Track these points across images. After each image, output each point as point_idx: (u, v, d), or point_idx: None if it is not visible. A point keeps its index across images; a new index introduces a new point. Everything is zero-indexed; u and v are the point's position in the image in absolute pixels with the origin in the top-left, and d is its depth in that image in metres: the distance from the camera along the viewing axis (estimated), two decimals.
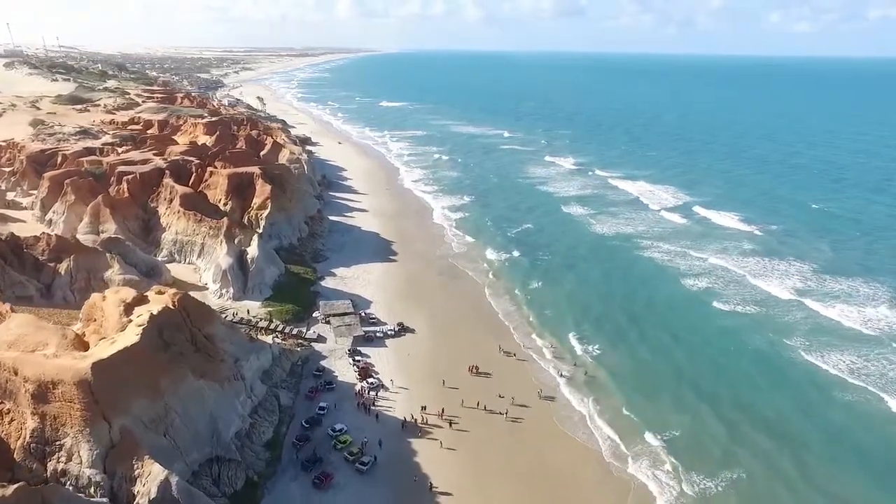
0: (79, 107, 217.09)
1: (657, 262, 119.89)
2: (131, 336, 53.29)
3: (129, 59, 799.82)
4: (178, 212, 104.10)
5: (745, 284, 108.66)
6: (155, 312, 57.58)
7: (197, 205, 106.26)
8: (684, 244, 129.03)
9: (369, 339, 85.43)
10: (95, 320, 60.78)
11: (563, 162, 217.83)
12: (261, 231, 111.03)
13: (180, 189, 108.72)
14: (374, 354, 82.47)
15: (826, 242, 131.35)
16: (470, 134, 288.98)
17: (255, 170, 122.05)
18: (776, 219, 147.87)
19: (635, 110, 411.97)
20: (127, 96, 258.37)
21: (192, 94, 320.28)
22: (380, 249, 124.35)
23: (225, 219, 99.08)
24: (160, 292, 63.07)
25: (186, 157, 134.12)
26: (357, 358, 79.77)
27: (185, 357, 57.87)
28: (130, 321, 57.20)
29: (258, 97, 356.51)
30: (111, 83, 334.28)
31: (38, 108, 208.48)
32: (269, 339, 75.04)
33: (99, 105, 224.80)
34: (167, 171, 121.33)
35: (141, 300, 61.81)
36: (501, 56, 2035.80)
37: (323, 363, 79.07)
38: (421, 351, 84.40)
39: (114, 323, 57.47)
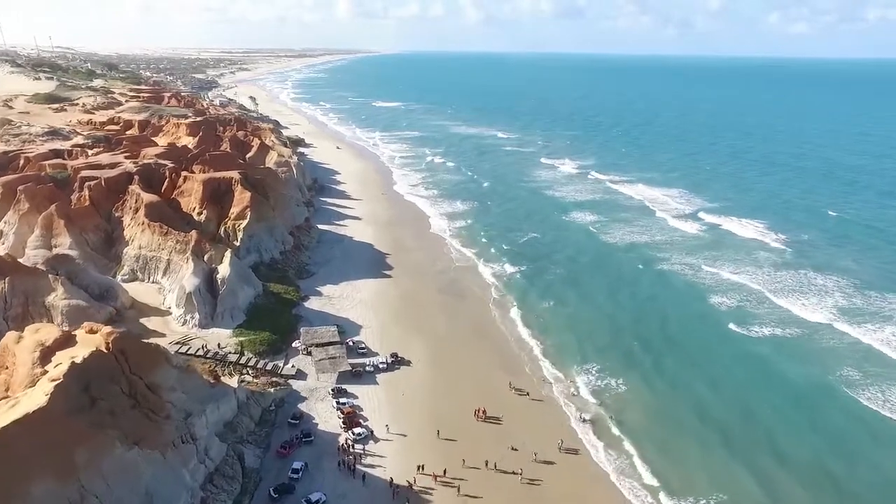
0: (55, 106, 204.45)
1: (671, 277, 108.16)
2: (39, 396, 40.94)
3: (126, 59, 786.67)
4: (143, 223, 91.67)
5: (769, 304, 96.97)
6: (79, 360, 45.25)
7: (164, 215, 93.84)
8: (698, 258, 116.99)
9: (357, 375, 73.07)
10: (7, 368, 48.35)
11: (564, 165, 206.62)
12: (238, 244, 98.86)
13: (146, 197, 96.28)
14: (362, 394, 70.13)
15: (849, 253, 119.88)
16: (468, 135, 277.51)
17: (234, 175, 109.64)
18: (792, 227, 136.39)
19: (635, 111, 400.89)
20: (110, 95, 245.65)
21: (182, 94, 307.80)
22: (373, 263, 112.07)
23: (193, 232, 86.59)
24: (92, 330, 50.70)
25: (160, 161, 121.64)
26: (342, 400, 67.43)
27: (116, 417, 45.52)
28: (46, 372, 44.81)
29: (250, 97, 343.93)
30: (97, 82, 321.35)
31: (11, 108, 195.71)
32: (234, 381, 62.64)
33: (77, 104, 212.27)
34: (136, 177, 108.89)
35: (66, 341, 49.49)
36: (501, 57, 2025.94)
37: (301, 406, 66.69)
38: (418, 389, 72.09)
39: (24, 374, 45.22)
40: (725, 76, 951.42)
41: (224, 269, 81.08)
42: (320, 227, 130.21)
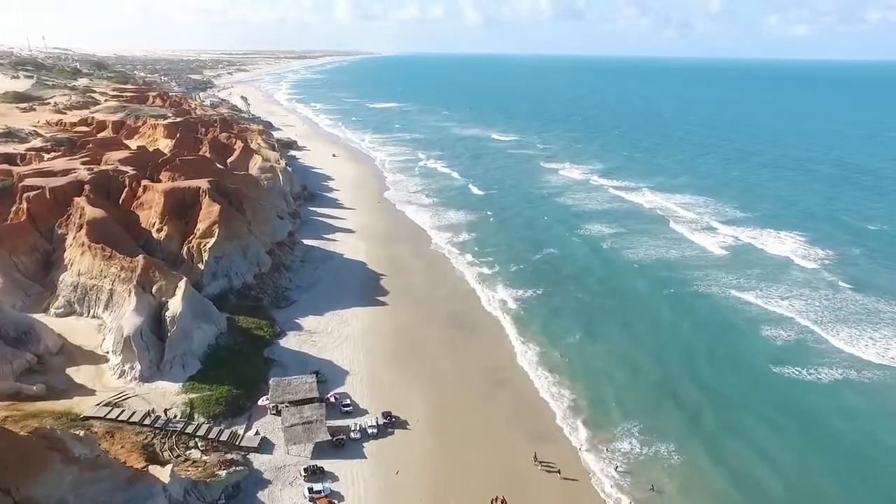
0: (24, 105, 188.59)
1: (702, 306, 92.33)
2: None
3: (123, 60, 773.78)
4: (83, 244, 75.59)
5: (819, 340, 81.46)
6: None
7: (111, 233, 77.75)
8: (726, 281, 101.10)
9: (338, 445, 57.03)
10: None
11: (566, 170, 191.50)
12: (203, 267, 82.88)
13: (90, 211, 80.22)
14: (344, 474, 54.01)
15: None
16: (467, 137, 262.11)
17: (203, 184, 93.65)
18: (821, 240, 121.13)
19: (635, 112, 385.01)
20: (88, 95, 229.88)
21: (170, 94, 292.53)
22: (365, 287, 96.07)
23: (140, 257, 70.40)
24: None
25: (121, 168, 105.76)
26: (316, 487, 51.18)
27: None
28: None
29: (242, 97, 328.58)
30: (81, 81, 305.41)
31: None
32: (172, 466, 46.42)
33: (49, 104, 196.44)
34: (87, 186, 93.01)
35: None
36: (500, 59, 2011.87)
37: (262, 496, 50.55)
38: (417, 464, 56.00)
39: None
40: (725, 77, 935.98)
41: (175, 305, 64.99)
42: (306, 242, 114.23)
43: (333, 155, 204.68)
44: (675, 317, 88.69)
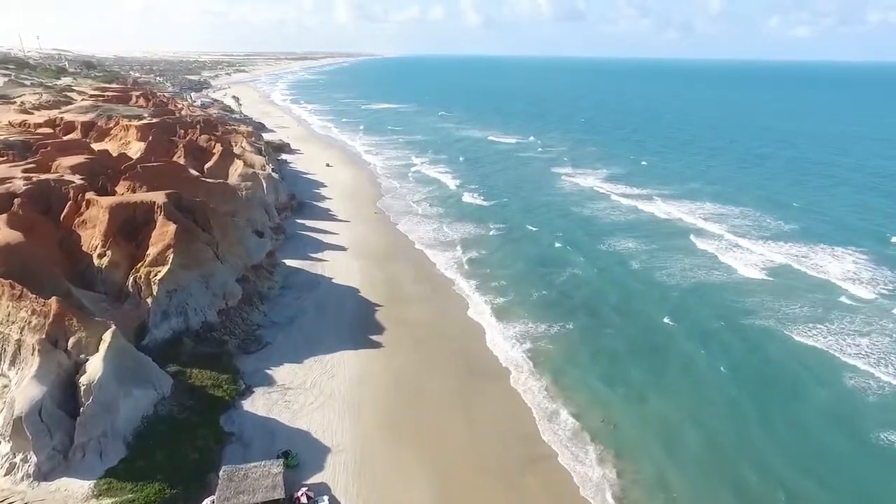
0: None
1: (749, 343, 75.21)
2: None
3: (123, 61, 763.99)
4: None
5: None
6: None
7: (28, 264, 60.97)
8: (775, 316, 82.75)
9: None
10: None
11: (572, 176, 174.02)
12: (150, 303, 66.30)
13: (3, 235, 63.43)
14: None
15: None
16: (470, 139, 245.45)
17: (158, 198, 77.05)
18: (871, 261, 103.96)
19: (636, 112, 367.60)
20: (64, 94, 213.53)
21: (158, 94, 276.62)
22: (356, 322, 79.32)
23: (52, 300, 53.59)
24: None
25: (67, 177, 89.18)
26: None
27: None
28: None
29: (234, 97, 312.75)
30: (65, 81, 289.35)
31: None
32: None
33: (15, 103, 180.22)
34: (19, 199, 76.47)
35: None
36: (501, 60, 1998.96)
37: None
38: None
39: None
40: (726, 78, 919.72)
41: (94, 368, 48.23)
42: (289, 263, 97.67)
43: (327, 164, 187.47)
44: (720, 363, 71.18)
